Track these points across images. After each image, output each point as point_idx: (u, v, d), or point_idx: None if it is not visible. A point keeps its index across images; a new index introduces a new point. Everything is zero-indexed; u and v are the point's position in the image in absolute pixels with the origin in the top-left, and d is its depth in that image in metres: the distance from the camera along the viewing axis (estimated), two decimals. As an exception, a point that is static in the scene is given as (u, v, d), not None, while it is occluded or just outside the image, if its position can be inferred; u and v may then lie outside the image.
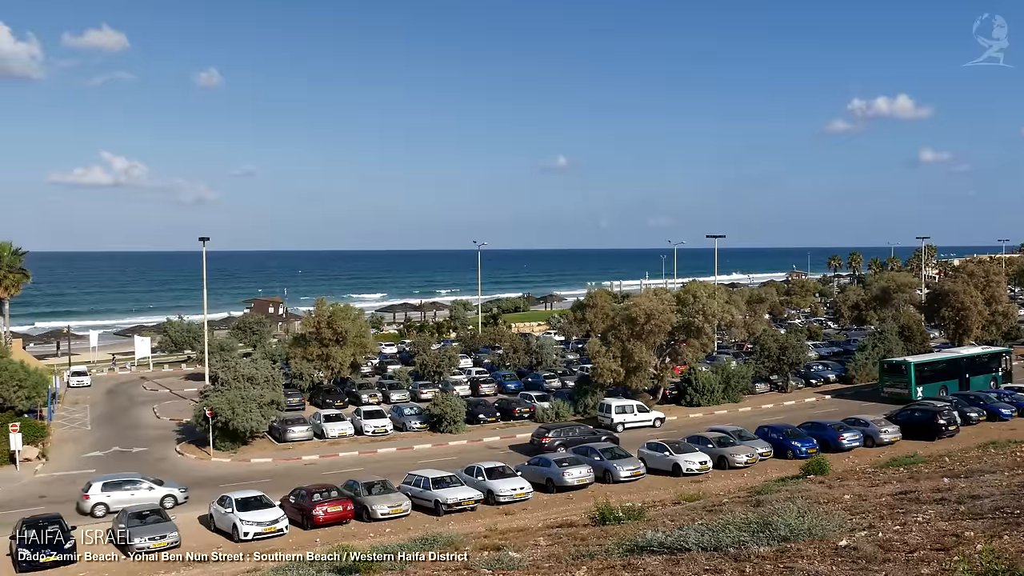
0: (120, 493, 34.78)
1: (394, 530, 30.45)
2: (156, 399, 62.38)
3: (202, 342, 70.22)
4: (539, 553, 14.37)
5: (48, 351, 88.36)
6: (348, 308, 62.35)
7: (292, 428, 47.63)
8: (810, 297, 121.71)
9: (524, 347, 72.73)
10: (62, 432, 51.18)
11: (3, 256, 62.57)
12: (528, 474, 36.78)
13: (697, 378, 55.94)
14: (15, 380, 49.92)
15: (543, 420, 51.86)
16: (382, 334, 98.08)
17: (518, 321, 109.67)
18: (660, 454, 39.36)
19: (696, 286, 58.02)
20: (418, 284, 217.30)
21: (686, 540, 12.31)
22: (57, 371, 66.50)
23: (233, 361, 52.31)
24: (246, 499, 31.59)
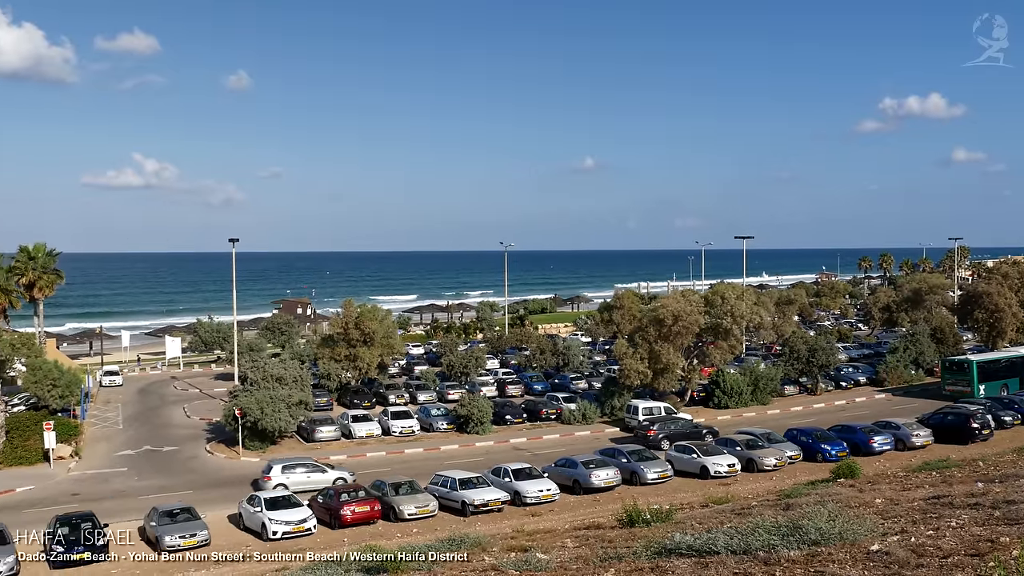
0: (297, 475, 37.15)
1: (421, 530, 30.54)
2: (186, 399, 63.10)
3: (231, 342, 70.88)
4: (566, 555, 14.33)
5: (81, 351, 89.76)
6: (376, 309, 62.65)
7: (320, 428, 47.93)
8: (840, 299, 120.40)
9: (551, 348, 72.65)
10: (95, 431, 51.90)
11: (37, 257, 63.52)
12: (555, 475, 36.73)
13: (725, 380, 55.56)
14: (49, 379, 50.68)
15: (570, 422, 51.81)
16: (409, 335, 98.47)
17: (545, 322, 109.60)
18: (688, 456, 39.14)
19: (724, 287, 57.67)
20: (446, 285, 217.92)
21: (715, 543, 12.20)
22: (90, 371, 67.42)
23: (262, 361, 52.72)
24: (275, 499, 31.85)
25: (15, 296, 47.88)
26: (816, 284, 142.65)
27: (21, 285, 59.88)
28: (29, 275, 62.16)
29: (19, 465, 43.26)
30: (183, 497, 35.21)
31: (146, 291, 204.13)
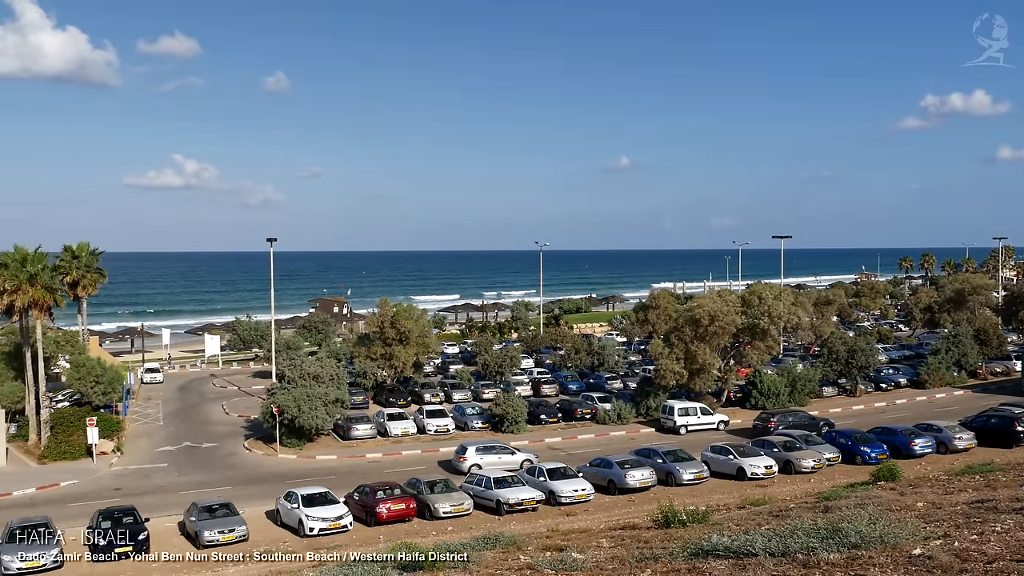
0: (490, 456, 40.06)
1: (456, 529, 30.64)
2: (225, 396, 63.92)
3: (269, 341, 71.68)
4: (602, 555, 14.27)
5: (123, 348, 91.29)
6: (411, 308, 62.97)
7: (356, 426, 48.29)
8: (880, 299, 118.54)
9: (586, 348, 72.48)
10: (136, 427, 52.77)
11: (81, 257, 64.69)
12: (589, 475, 36.62)
13: (762, 381, 55.00)
14: (92, 376, 51.75)
15: (605, 421, 51.64)
16: (444, 334, 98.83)
17: (580, 322, 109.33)
18: (724, 458, 38.81)
19: (761, 287, 57.04)
20: (481, 285, 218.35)
21: (753, 545, 12.07)
22: (131, 368, 68.55)
23: (299, 359, 53.24)
24: (312, 495, 32.13)
25: (59, 295, 48.75)
26: (855, 284, 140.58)
27: (65, 284, 60.96)
28: (73, 274, 63.32)
29: (63, 460, 44.14)
30: (222, 493, 35.67)
31: (186, 290, 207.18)
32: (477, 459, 39.77)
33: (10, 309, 45.84)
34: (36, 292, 45.05)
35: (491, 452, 40.58)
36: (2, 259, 45.75)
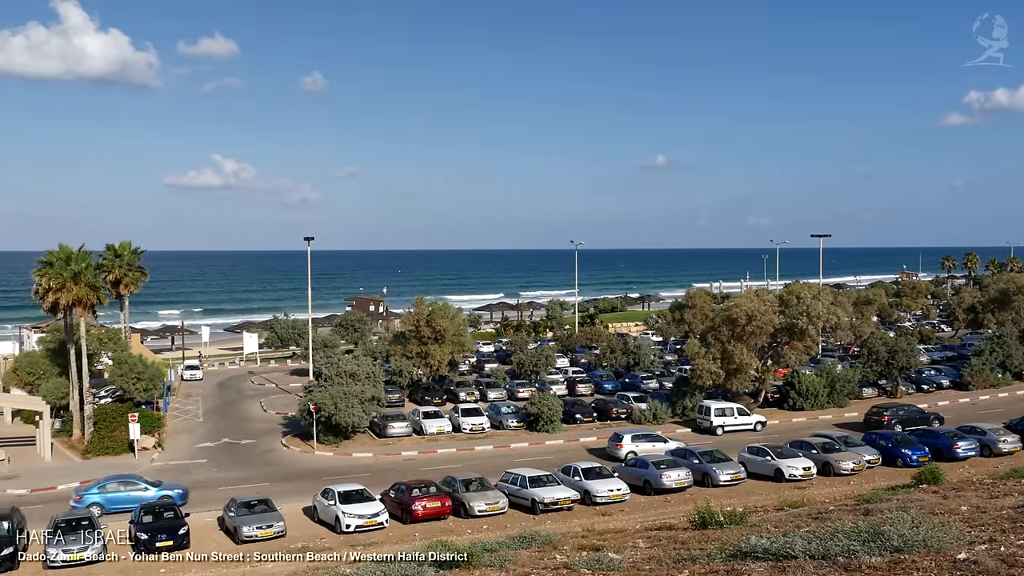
0: (644, 444, 42.28)
1: (491, 527, 30.67)
2: (263, 393, 64.63)
3: (306, 339, 72.35)
4: (638, 555, 14.19)
5: (163, 346, 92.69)
6: (447, 307, 63.17)
7: (392, 424, 48.56)
8: (922, 299, 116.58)
9: (621, 347, 72.14)
10: (176, 423, 53.54)
11: (123, 255, 65.78)
12: (625, 475, 36.46)
13: (800, 381, 54.36)
14: (134, 373, 52.62)
15: (640, 421, 51.40)
16: (480, 333, 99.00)
17: (615, 321, 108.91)
18: (761, 459, 38.40)
19: (800, 287, 56.32)
20: (516, 283, 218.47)
21: (792, 547, 11.93)
22: (172, 365, 69.57)
23: (336, 358, 53.64)
24: (348, 492, 32.36)
25: (102, 293, 49.63)
26: (896, 284, 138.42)
27: (108, 282, 62.06)
28: (116, 272, 64.41)
29: (106, 455, 44.93)
30: (260, 489, 36.06)
31: (225, 289, 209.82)
32: (633, 447, 42.09)
33: (55, 307, 46.71)
34: (80, 290, 45.86)
35: (646, 440, 42.94)
36: (47, 258, 46.69)
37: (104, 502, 34.85)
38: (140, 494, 34.96)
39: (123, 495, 35.21)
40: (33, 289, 47.88)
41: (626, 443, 42.56)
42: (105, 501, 34.91)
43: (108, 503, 34.88)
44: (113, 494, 35.35)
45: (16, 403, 50.88)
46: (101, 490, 35.51)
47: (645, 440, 43.07)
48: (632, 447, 42.18)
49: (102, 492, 35.42)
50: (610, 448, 43.35)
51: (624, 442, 42.66)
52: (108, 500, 35.05)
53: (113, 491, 35.48)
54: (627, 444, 42.48)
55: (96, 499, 34.89)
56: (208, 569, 26.07)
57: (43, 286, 46.40)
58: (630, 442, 42.63)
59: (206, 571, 25.87)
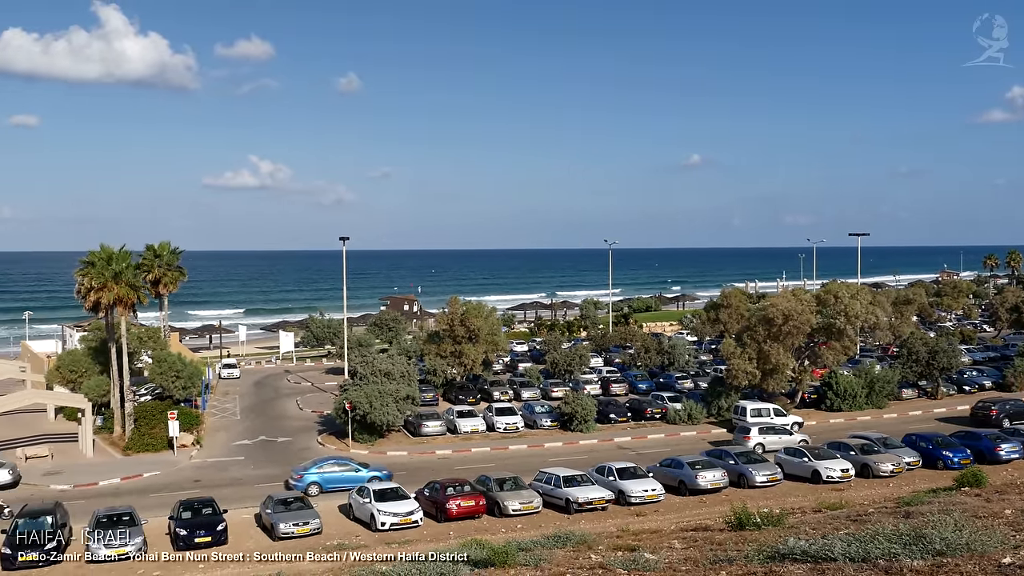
0: (771, 436, 43.76)
1: (525, 526, 30.67)
2: (299, 392, 65.23)
3: (342, 338, 72.88)
4: (675, 556, 14.09)
5: (201, 344, 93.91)
6: (480, 306, 63.27)
7: (426, 423, 48.74)
8: (963, 299, 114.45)
9: (656, 347, 71.76)
10: (214, 421, 54.21)
11: (163, 255, 66.71)
12: (659, 476, 36.26)
13: (838, 382, 53.66)
14: (173, 371, 53.39)
15: (675, 421, 51.08)
16: (513, 332, 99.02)
17: (649, 321, 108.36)
18: (798, 460, 37.98)
19: (837, 286, 55.59)
20: (549, 283, 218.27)
21: (831, 549, 11.77)
22: (210, 363, 70.44)
23: (371, 356, 53.98)
24: (383, 490, 32.57)
25: (142, 292, 50.40)
26: (936, 283, 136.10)
27: (148, 282, 62.96)
28: (155, 272, 65.36)
29: (146, 451, 45.63)
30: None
31: (261, 288, 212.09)
32: (760, 439, 43.35)
33: (96, 306, 47.49)
34: (121, 290, 46.59)
35: (772, 432, 44.32)
36: (89, 258, 47.49)
37: (322, 481, 37.03)
38: (353, 474, 37.32)
39: (338, 475, 37.43)
40: (75, 288, 48.72)
41: (754, 435, 43.68)
42: (323, 480, 37.12)
43: (325, 482, 37.05)
44: (329, 474, 37.51)
45: (59, 400, 51.84)
46: (319, 470, 37.59)
47: (772, 432, 44.27)
48: (760, 439, 43.32)
49: (319, 472, 37.51)
50: (737, 440, 44.21)
51: (752, 434, 43.78)
52: (325, 480, 37.23)
53: (329, 471, 37.63)
54: (755, 436, 43.59)
55: (315, 478, 37.06)
56: (245, 565, 26.35)
57: (85, 285, 47.21)
58: (758, 434, 43.76)
59: (244, 567, 26.14)
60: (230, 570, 26.20)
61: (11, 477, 39.17)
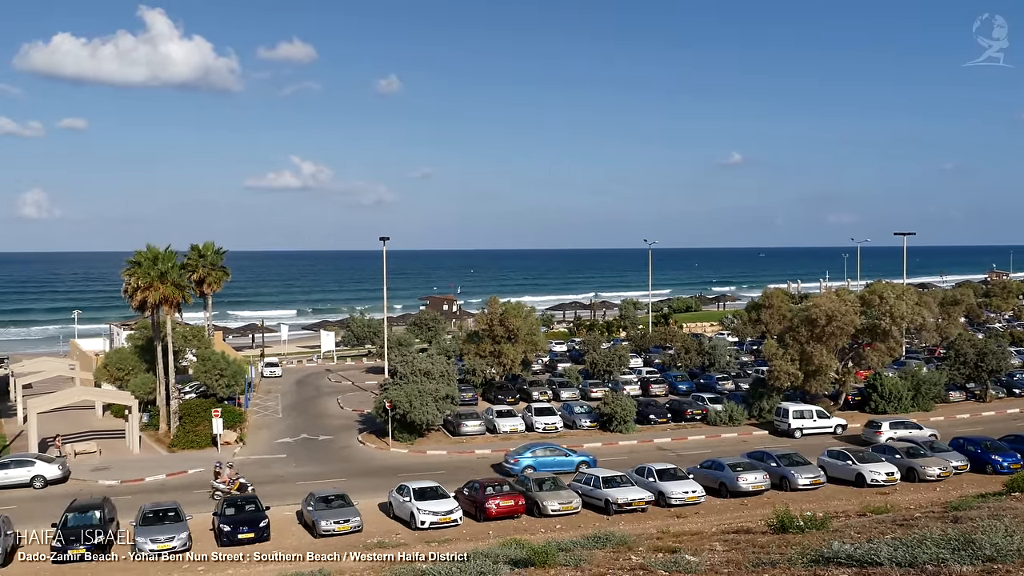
0: (901, 431, 44.47)
1: (564, 527, 30.62)
2: (339, 391, 65.83)
3: (382, 337, 73.38)
4: (716, 558, 13.97)
5: (244, 343, 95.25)
6: (519, 306, 63.32)
7: (466, 422, 48.88)
8: (1013, 299, 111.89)
9: (696, 348, 71.22)
10: (256, 419, 54.92)
11: (207, 255, 67.77)
12: (700, 477, 35.96)
13: (883, 384, 52.78)
14: (217, 369, 54.23)
15: (716, 423, 50.64)
16: (552, 332, 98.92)
17: (689, 321, 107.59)
18: (842, 463, 37.43)
19: (883, 286, 54.65)
20: (590, 283, 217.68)
21: (877, 554, 11.56)
22: (252, 362, 71.38)
23: (411, 356, 54.30)
24: (423, 489, 32.71)
25: (187, 291, 51.21)
26: (985, 283, 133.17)
27: (192, 281, 63.95)
28: (200, 272, 66.42)
29: (190, 448, 46.36)
30: (337, 484, 36.69)
31: (303, 288, 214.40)
32: (891, 433, 44.18)
33: (143, 305, 48.32)
34: (166, 289, 47.37)
35: (902, 427, 45.10)
36: (136, 258, 48.35)
37: (536, 465, 39.35)
38: (563, 458, 40.24)
39: (550, 459, 40.06)
40: (122, 288, 49.60)
41: (885, 430, 44.32)
42: (537, 464, 39.46)
43: (539, 465, 39.35)
44: (542, 457, 40.14)
45: (107, 397, 52.92)
46: (532, 454, 40.25)
47: (902, 427, 44.89)
48: (891, 433, 43.82)
49: (533, 456, 40.12)
50: (867, 435, 44.99)
51: (883, 428, 44.47)
52: (539, 463, 39.58)
53: (542, 455, 40.34)
54: (886, 431, 44.19)
55: (529, 462, 39.48)
56: (287, 562, 26.61)
57: (132, 285, 48.06)
58: (888, 429, 44.40)
59: (285, 564, 26.41)
60: (272, 566, 26.49)
61: (61, 472, 40.09)
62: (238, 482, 36.11)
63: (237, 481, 36.18)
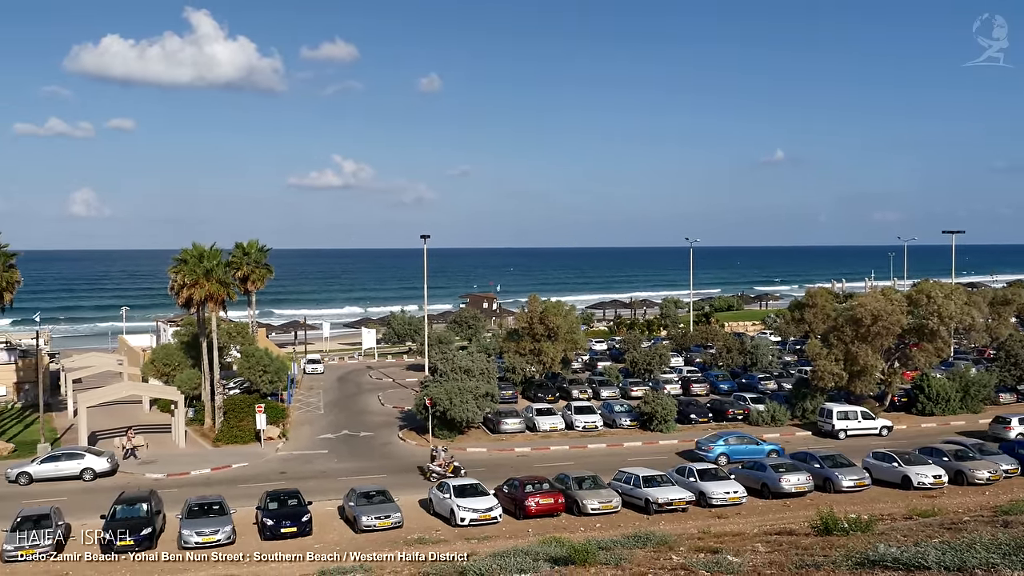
0: None
1: (604, 526, 30.53)
2: (380, 387, 66.33)
3: (422, 335, 73.78)
4: (758, 559, 13.81)
5: (287, 340, 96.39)
6: (559, 304, 63.18)
7: (505, 420, 48.95)
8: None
9: (738, 347, 70.51)
10: (299, 415, 55.55)
11: (251, 253, 68.61)
12: (741, 478, 35.61)
13: (930, 385, 51.80)
14: (260, 366, 54.96)
15: (757, 423, 50.12)
16: (592, 331, 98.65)
17: (731, 320, 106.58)
18: (888, 465, 36.79)
19: (930, 286, 53.56)
20: (629, 281, 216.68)
21: (925, 557, 11.34)
22: (295, 358, 72.21)
23: (451, 354, 54.52)
24: (463, 486, 32.85)
25: (232, 289, 51.94)
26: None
27: (237, 279, 64.77)
28: (244, 269, 67.22)
29: (234, 443, 47.05)
30: (377, 480, 36.95)
31: (344, 286, 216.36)
32: (1021, 428, 43.94)
33: (189, 302, 49.14)
34: (212, 286, 48.11)
35: None
36: (182, 255, 49.19)
37: (729, 452, 41.09)
38: (754, 447, 41.84)
39: (742, 447, 41.70)
40: (169, 285, 50.46)
41: (1015, 425, 44.03)
42: (730, 452, 41.17)
43: (732, 453, 41.03)
44: (735, 446, 41.76)
45: (154, 392, 53.96)
46: (725, 443, 41.88)
47: None
48: (1020, 429, 43.64)
49: (727, 444, 41.79)
50: (995, 430, 44.74)
51: (1013, 424, 44.15)
52: (732, 451, 41.31)
53: (735, 443, 41.99)
54: (1016, 426, 43.90)
55: (723, 450, 41.24)
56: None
57: (178, 282, 48.90)
58: (1018, 424, 44.05)
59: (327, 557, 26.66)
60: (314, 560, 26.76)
61: (109, 465, 40.96)
62: (452, 465, 38.62)
63: (451, 464, 38.70)
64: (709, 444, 41.89)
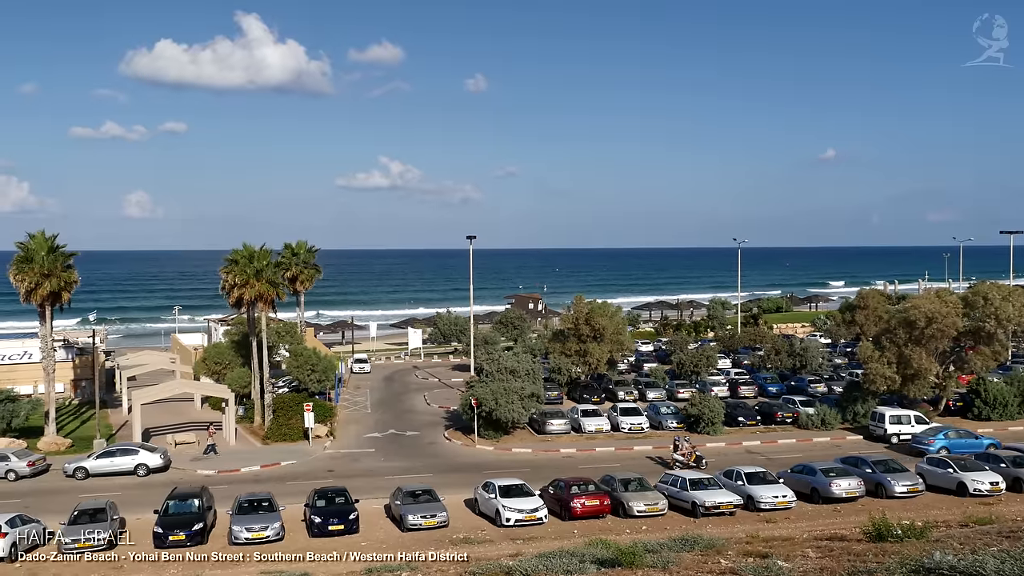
0: None
1: (650, 528, 30.29)
2: (426, 387, 66.68)
3: (468, 335, 74.02)
4: (809, 565, 13.60)
5: (334, 339, 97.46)
6: (605, 305, 62.88)
7: (551, 421, 48.85)
8: None
9: (787, 349, 69.45)
10: (346, 414, 56.08)
11: (300, 253, 69.62)
12: (790, 482, 35.05)
13: (987, 389, 50.47)
14: (308, 365, 55.61)
15: (807, 426, 49.33)
16: (639, 332, 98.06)
17: (780, 322, 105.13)
18: (942, 471, 35.90)
19: (987, 287, 52.20)
20: (677, 282, 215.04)
21: (983, 566, 11.06)
22: (342, 358, 72.95)
23: (497, 354, 54.60)
24: (508, 486, 32.81)
25: (281, 289, 52.69)
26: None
27: (286, 279, 65.73)
28: (293, 270, 68.28)
29: (283, 441, 47.66)
30: (423, 480, 37.09)
31: (391, 286, 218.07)
32: None
33: (239, 302, 49.96)
34: (261, 286, 48.83)
35: None
36: (233, 256, 50.01)
37: (950, 446, 41.22)
38: (973, 440, 42.05)
39: (961, 441, 41.92)
40: (220, 285, 51.34)
41: None
42: (950, 445, 41.31)
43: (952, 447, 41.06)
44: (954, 440, 42.08)
45: (205, 390, 54.93)
46: (945, 436, 42.18)
47: None
48: None
49: (947, 438, 42.12)
50: None
51: None
52: (952, 445, 41.46)
53: (954, 437, 42.39)
54: None
55: (943, 443, 41.63)
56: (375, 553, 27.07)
57: (229, 282, 49.72)
58: None
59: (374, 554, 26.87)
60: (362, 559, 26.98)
61: (162, 461, 41.79)
62: (694, 455, 39.73)
63: (694, 454, 39.82)
64: (930, 437, 42.39)
